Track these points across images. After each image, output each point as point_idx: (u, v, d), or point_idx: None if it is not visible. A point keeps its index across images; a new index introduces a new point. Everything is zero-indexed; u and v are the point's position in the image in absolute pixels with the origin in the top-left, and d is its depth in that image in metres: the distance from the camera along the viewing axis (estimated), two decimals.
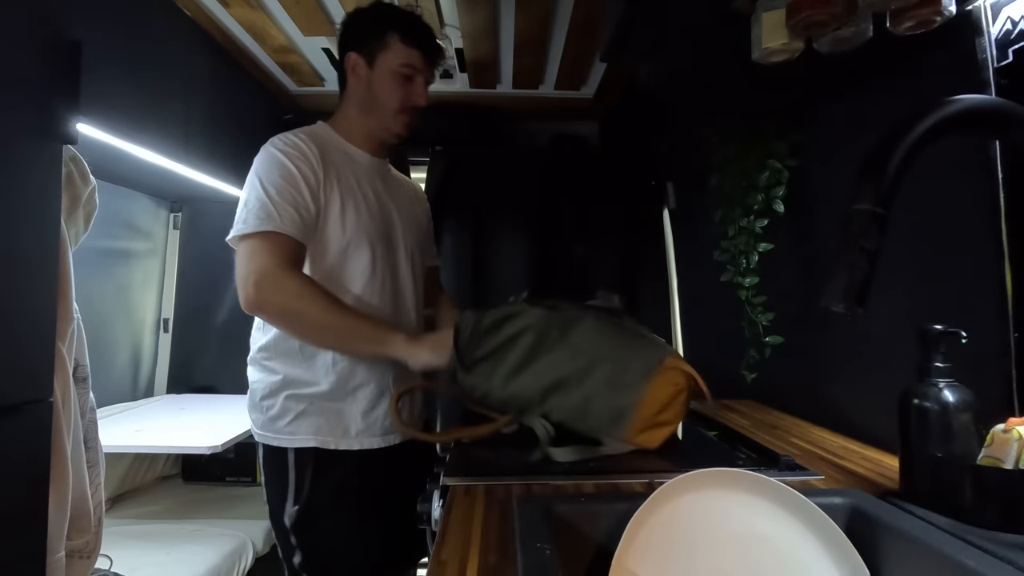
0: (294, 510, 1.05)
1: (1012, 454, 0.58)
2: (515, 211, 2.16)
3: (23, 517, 0.65)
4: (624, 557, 0.53)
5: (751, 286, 1.26)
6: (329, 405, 1.06)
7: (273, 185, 1.00)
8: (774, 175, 1.19)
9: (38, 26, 0.65)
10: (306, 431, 1.06)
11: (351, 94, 1.14)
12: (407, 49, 1.10)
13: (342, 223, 1.06)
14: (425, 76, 1.14)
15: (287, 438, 1.06)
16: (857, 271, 0.53)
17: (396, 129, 1.14)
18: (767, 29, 0.75)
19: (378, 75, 1.11)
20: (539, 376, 0.91)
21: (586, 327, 0.93)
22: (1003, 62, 0.72)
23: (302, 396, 1.06)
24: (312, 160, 1.05)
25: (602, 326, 0.94)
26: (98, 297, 1.87)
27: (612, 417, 0.89)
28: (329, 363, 1.06)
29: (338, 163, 1.10)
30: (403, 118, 1.13)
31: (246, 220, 0.98)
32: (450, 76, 1.93)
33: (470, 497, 0.73)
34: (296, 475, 1.06)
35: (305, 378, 1.06)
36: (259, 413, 1.08)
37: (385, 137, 1.16)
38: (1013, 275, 0.73)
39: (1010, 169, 0.73)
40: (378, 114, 1.13)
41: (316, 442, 1.05)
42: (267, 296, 0.96)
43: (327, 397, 1.06)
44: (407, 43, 1.10)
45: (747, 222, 1.24)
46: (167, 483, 1.99)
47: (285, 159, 1.03)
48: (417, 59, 1.11)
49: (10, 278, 0.63)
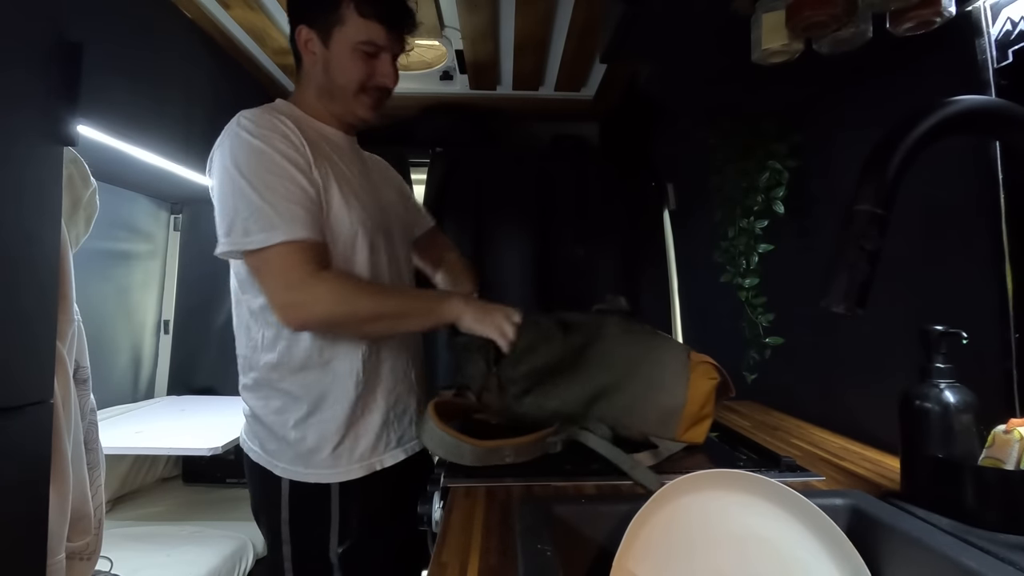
0: (344, 546, 0.95)
1: (1013, 455, 0.58)
2: (515, 212, 2.15)
3: (23, 519, 0.65)
4: (625, 558, 0.53)
5: (751, 287, 1.26)
6: (362, 420, 0.97)
7: (266, 185, 0.86)
8: (774, 176, 1.19)
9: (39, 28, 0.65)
10: (349, 460, 0.95)
11: (307, 74, 1.00)
12: (366, 23, 0.94)
13: (347, 212, 0.94)
14: (393, 52, 0.99)
15: (328, 471, 0.94)
16: (857, 272, 0.53)
17: (361, 113, 1.01)
18: (767, 30, 0.75)
19: (335, 54, 0.96)
20: (581, 388, 0.91)
21: (613, 334, 0.93)
22: (1003, 63, 0.72)
23: (334, 417, 0.94)
24: (294, 139, 0.91)
25: (626, 330, 0.95)
26: (99, 299, 1.87)
27: (660, 418, 0.89)
28: (351, 369, 0.95)
29: (317, 141, 0.96)
30: (366, 100, 0.99)
31: (246, 231, 0.85)
32: (450, 78, 1.93)
33: (471, 499, 0.73)
34: (341, 509, 0.95)
35: (334, 393, 0.94)
36: (285, 446, 0.94)
37: (351, 121, 1.03)
38: (1013, 275, 0.73)
39: (1010, 169, 0.73)
40: (339, 97, 0.99)
41: (363, 470, 0.96)
42: (308, 314, 0.87)
43: (359, 410, 0.96)
44: (365, 15, 0.94)
45: (747, 223, 1.24)
46: (167, 485, 1.99)
47: (265, 145, 0.88)
48: (379, 33, 0.95)
49: (11, 279, 0.63)
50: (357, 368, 0.95)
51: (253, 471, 0.98)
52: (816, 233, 1.17)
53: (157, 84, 1.47)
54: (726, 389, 0.93)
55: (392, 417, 1.01)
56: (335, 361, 0.95)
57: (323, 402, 0.94)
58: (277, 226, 0.85)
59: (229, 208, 0.87)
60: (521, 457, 0.83)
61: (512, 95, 2.09)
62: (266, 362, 0.94)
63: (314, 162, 0.92)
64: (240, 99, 1.58)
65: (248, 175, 0.86)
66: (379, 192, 1.07)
